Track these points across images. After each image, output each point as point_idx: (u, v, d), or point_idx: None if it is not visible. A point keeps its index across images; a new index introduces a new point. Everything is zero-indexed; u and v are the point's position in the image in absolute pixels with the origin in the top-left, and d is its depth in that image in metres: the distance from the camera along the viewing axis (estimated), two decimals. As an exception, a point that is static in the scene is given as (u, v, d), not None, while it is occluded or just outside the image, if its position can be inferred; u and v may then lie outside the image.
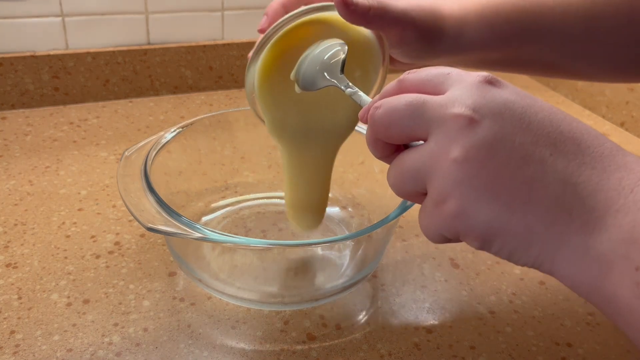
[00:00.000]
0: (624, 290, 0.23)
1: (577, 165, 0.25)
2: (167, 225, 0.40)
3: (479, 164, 0.25)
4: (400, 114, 0.28)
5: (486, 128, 0.25)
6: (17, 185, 0.60)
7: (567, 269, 0.25)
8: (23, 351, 0.41)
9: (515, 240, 0.26)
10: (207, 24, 0.84)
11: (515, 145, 0.25)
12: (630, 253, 0.23)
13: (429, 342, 0.44)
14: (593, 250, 0.24)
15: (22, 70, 0.75)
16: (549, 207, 0.25)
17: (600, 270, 0.24)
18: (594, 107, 0.89)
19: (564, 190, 0.25)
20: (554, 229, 0.25)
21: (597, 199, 0.24)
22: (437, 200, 0.27)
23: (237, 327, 0.45)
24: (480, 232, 0.26)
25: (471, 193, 0.25)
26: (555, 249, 0.25)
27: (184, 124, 0.54)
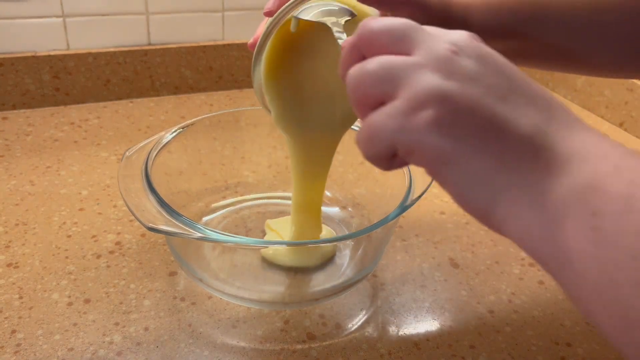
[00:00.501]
0: (578, 235, 0.22)
1: (548, 117, 0.26)
2: (167, 225, 0.40)
3: (462, 87, 0.25)
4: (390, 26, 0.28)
5: (469, 62, 0.26)
6: (18, 185, 0.60)
7: (520, 216, 0.25)
8: (24, 350, 0.41)
9: (471, 173, 0.25)
10: (207, 25, 0.84)
11: (496, 85, 0.26)
12: (589, 198, 0.23)
13: (429, 341, 0.44)
14: (551, 194, 0.24)
15: (23, 71, 0.75)
16: (518, 145, 0.25)
17: (556, 215, 0.23)
18: (593, 107, 0.89)
19: (535, 133, 0.25)
20: (518, 166, 0.25)
21: (565, 147, 0.25)
22: (412, 106, 0.25)
23: (238, 326, 0.45)
24: (442, 151, 0.25)
25: (450, 110, 0.25)
26: (513, 190, 0.25)
27: (185, 124, 0.54)
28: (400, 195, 0.45)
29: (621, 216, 0.21)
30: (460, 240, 0.56)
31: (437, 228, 0.58)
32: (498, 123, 0.25)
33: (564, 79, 0.94)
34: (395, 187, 0.50)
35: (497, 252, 0.55)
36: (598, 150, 0.24)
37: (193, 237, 0.39)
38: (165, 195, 0.43)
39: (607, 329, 0.22)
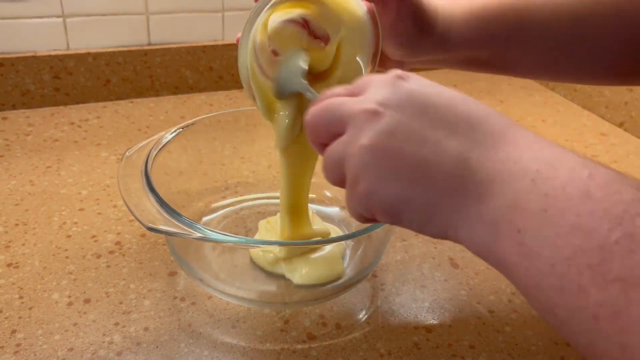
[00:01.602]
0: (510, 251, 0.26)
1: (470, 143, 0.28)
2: (167, 225, 0.40)
3: (383, 148, 0.29)
4: (322, 115, 0.32)
5: (389, 118, 0.29)
6: (18, 185, 0.60)
7: (466, 236, 0.28)
8: (24, 350, 0.41)
9: (419, 213, 0.29)
10: (207, 25, 0.84)
11: (413, 130, 0.28)
12: (513, 217, 0.25)
13: (429, 341, 0.44)
14: (484, 216, 0.27)
15: (23, 71, 0.75)
16: (445, 181, 0.28)
17: (491, 234, 0.26)
18: (593, 108, 0.89)
19: (457, 165, 0.28)
20: (450, 200, 0.28)
21: (486, 172, 0.27)
22: (351, 183, 0.30)
23: (238, 326, 0.45)
24: (387, 207, 0.29)
25: (377, 174, 0.29)
26: (454, 218, 0.28)
27: (185, 124, 0.54)
28: (400, 195, 0.45)
29: (539, 230, 0.24)
30: (460, 240, 0.56)
31: (437, 228, 0.58)
32: (421, 169, 0.28)
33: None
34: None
35: (497, 252, 0.55)
36: (517, 166, 0.26)
37: (193, 237, 0.39)
38: (165, 195, 0.43)
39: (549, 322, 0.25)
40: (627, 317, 0.21)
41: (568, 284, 0.23)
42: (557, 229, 0.24)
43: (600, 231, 0.23)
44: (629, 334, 0.21)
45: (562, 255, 0.23)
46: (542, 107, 0.90)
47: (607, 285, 0.22)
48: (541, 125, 0.83)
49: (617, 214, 0.23)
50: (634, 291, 0.21)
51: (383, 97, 0.30)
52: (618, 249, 0.22)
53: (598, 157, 0.75)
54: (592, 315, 0.22)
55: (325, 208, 0.58)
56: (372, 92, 0.31)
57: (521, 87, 0.97)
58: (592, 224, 0.23)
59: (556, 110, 0.89)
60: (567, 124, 0.85)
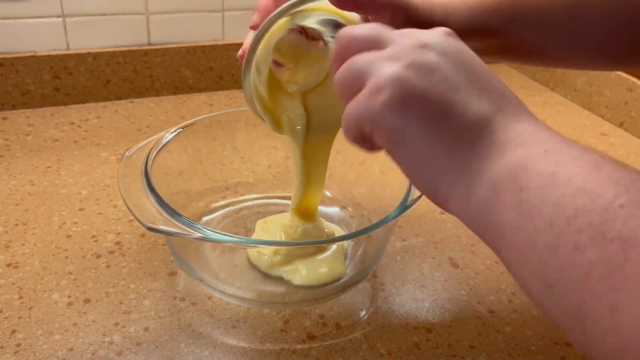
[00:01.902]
0: (508, 209, 0.26)
1: (497, 108, 0.29)
2: (167, 225, 0.40)
3: (418, 75, 0.28)
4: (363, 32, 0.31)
5: (433, 55, 0.29)
6: (18, 185, 0.60)
7: (460, 193, 0.28)
8: (24, 350, 0.41)
9: (421, 151, 0.28)
10: (207, 25, 0.84)
11: (451, 77, 0.29)
12: (518, 176, 0.26)
13: (429, 341, 0.44)
14: (487, 173, 0.27)
15: (23, 71, 0.75)
16: (462, 131, 0.28)
17: (490, 193, 0.27)
18: (593, 107, 0.89)
19: (479, 121, 0.28)
20: (459, 148, 0.28)
21: (503, 134, 0.28)
22: (372, 89, 0.29)
23: (238, 326, 0.45)
24: (394, 130, 0.29)
25: (403, 93, 0.28)
26: (454, 169, 0.28)
27: (185, 124, 0.54)
28: (400, 195, 0.45)
29: (544, 189, 0.24)
30: (460, 240, 0.56)
31: (437, 228, 0.58)
32: (445, 108, 0.28)
33: (564, 79, 0.94)
34: (395, 187, 0.50)
35: (497, 252, 0.55)
36: (534, 137, 0.27)
37: (193, 237, 0.39)
38: (165, 195, 0.43)
39: (533, 291, 0.25)
40: (622, 275, 0.21)
41: (564, 242, 0.23)
42: (562, 189, 0.24)
43: (606, 195, 0.23)
44: (621, 293, 0.21)
45: (564, 214, 0.23)
46: (542, 107, 0.90)
47: (605, 243, 0.22)
48: (541, 125, 0.83)
49: (625, 184, 0.23)
50: (633, 250, 0.21)
51: (429, 38, 0.30)
52: (622, 212, 0.22)
53: (598, 157, 0.75)
54: (584, 274, 0.22)
55: (325, 208, 0.58)
56: (420, 34, 0.31)
57: (521, 87, 0.97)
58: (599, 189, 0.23)
59: (556, 110, 0.89)
60: (567, 124, 0.85)
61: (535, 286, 0.25)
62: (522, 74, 1.02)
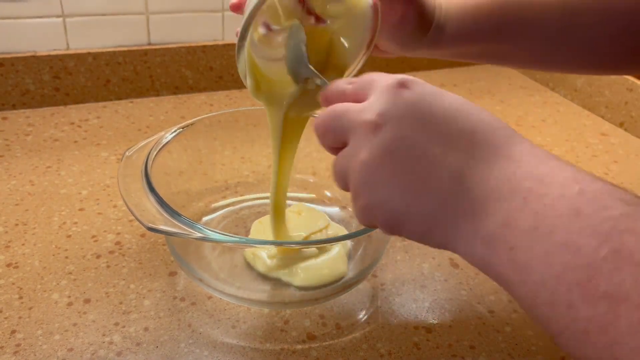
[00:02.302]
0: (504, 268, 0.27)
1: (467, 159, 0.28)
2: (167, 225, 0.40)
3: (380, 163, 0.29)
4: (328, 124, 0.33)
5: (387, 132, 0.29)
6: (18, 185, 0.60)
7: (464, 249, 0.29)
8: (24, 351, 0.41)
9: (418, 226, 0.30)
10: (207, 25, 0.84)
11: (411, 145, 0.29)
12: (506, 235, 0.26)
13: (429, 341, 0.44)
14: (480, 233, 0.27)
15: (23, 71, 0.75)
16: (441, 197, 0.28)
17: (487, 251, 0.27)
18: (593, 108, 0.89)
19: (454, 181, 0.28)
20: (447, 215, 0.29)
21: (480, 189, 0.28)
22: (353, 197, 0.32)
23: (238, 326, 0.45)
24: (386, 220, 0.30)
25: (374, 189, 0.30)
26: (452, 234, 0.29)
27: (185, 124, 0.54)
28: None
29: (530, 248, 0.25)
30: (460, 240, 0.56)
31: (437, 228, 0.58)
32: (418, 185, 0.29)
33: (564, 79, 0.94)
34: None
35: (497, 252, 0.55)
36: (510, 184, 0.27)
37: (193, 237, 0.39)
38: (165, 195, 0.43)
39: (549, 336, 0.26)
40: (616, 331, 0.22)
41: (558, 300, 0.24)
42: (546, 246, 0.24)
43: (588, 248, 0.23)
44: (619, 347, 0.22)
45: (552, 272, 0.24)
46: (542, 107, 0.90)
47: (595, 301, 0.22)
48: (541, 125, 0.83)
49: (605, 231, 0.23)
50: (621, 307, 0.22)
51: (383, 107, 0.30)
52: (605, 265, 0.22)
53: (598, 157, 0.75)
54: (582, 330, 0.23)
55: (325, 208, 0.58)
56: (374, 100, 0.31)
57: (521, 87, 0.97)
58: (580, 241, 0.23)
59: (556, 110, 0.89)
60: (567, 124, 0.85)
61: (547, 332, 0.26)
62: (522, 74, 1.02)
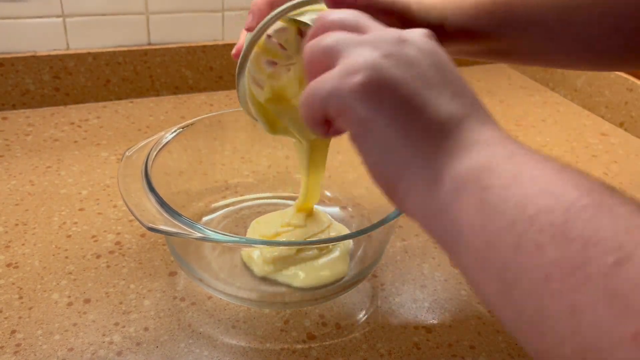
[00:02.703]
0: (469, 208, 0.25)
1: (467, 112, 0.29)
2: (167, 225, 0.40)
3: (396, 66, 0.28)
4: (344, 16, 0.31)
5: (412, 50, 0.29)
6: (18, 185, 0.60)
7: (420, 190, 0.27)
8: (24, 350, 0.41)
9: (388, 141, 0.28)
10: (207, 25, 0.84)
11: (427, 74, 0.29)
12: (482, 175, 0.25)
13: (429, 341, 0.44)
14: (451, 172, 0.27)
15: (23, 71, 0.75)
16: (430, 127, 0.28)
17: (452, 192, 0.26)
18: (593, 107, 0.89)
19: (448, 121, 0.28)
20: (425, 144, 0.28)
21: (471, 136, 0.28)
22: (347, 69, 0.28)
23: (238, 326, 0.45)
24: (364, 114, 0.28)
25: (378, 79, 0.28)
26: (417, 166, 0.28)
27: (185, 124, 0.54)
28: (400, 195, 0.45)
29: (507, 189, 0.24)
30: (460, 240, 0.56)
31: (437, 228, 0.58)
32: (417, 103, 0.28)
33: (564, 79, 0.94)
34: (395, 187, 0.49)
35: (497, 252, 0.55)
36: (501, 142, 0.27)
37: (193, 237, 0.39)
38: (165, 195, 0.43)
39: (490, 296, 0.25)
40: (582, 274, 0.20)
41: (525, 242, 0.22)
42: (526, 189, 0.24)
43: (569, 196, 0.22)
44: (581, 293, 0.20)
45: (526, 213, 0.23)
46: (542, 107, 0.90)
47: (567, 242, 0.21)
48: (541, 125, 0.83)
49: (588, 187, 0.23)
50: (594, 249, 0.20)
51: (411, 37, 0.30)
52: (584, 213, 0.22)
53: (598, 157, 0.75)
54: (544, 275, 0.21)
55: (325, 208, 0.58)
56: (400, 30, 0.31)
57: (521, 87, 0.97)
58: (562, 190, 0.23)
59: (556, 110, 0.89)
60: (567, 124, 0.85)
61: (492, 290, 0.24)
62: (522, 74, 1.02)
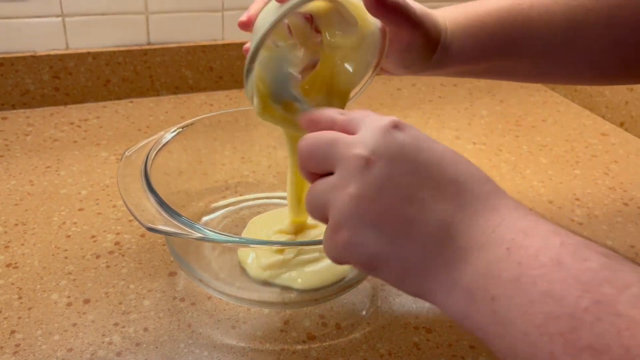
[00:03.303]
0: (485, 317, 0.26)
1: (454, 208, 0.28)
2: (167, 225, 0.40)
3: (369, 200, 0.29)
4: (315, 149, 0.32)
5: (379, 169, 0.29)
6: (17, 185, 0.60)
7: (442, 300, 0.28)
8: (23, 351, 0.41)
9: (396, 271, 0.29)
10: (207, 24, 0.84)
11: (402, 186, 0.29)
12: (487, 285, 0.26)
13: (429, 341, 0.44)
14: (459, 282, 0.27)
15: (23, 71, 0.75)
16: (425, 244, 0.28)
17: (467, 301, 0.27)
18: (594, 107, 0.89)
19: (439, 229, 0.28)
20: (427, 263, 0.28)
21: (465, 238, 0.28)
22: (333, 228, 0.30)
23: (237, 326, 0.45)
24: (365, 261, 0.30)
25: (360, 226, 0.29)
26: (430, 282, 0.29)
27: (185, 124, 0.54)
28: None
29: (512, 298, 0.25)
30: (460, 241, 0.56)
31: (437, 228, 0.58)
32: (404, 227, 0.28)
33: (564, 78, 0.94)
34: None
35: (497, 252, 0.55)
36: (495, 235, 0.27)
37: (193, 237, 0.39)
38: (165, 195, 0.43)
39: None
40: None
41: (540, 352, 0.23)
42: (529, 296, 0.24)
43: (570, 299, 0.23)
44: None
45: (534, 323, 0.24)
46: (542, 107, 0.90)
47: (577, 353, 0.22)
48: (541, 125, 0.83)
49: (586, 281, 0.23)
50: (604, 358, 0.22)
51: (376, 144, 0.30)
52: (587, 316, 0.23)
53: (598, 157, 0.75)
54: None
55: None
56: (366, 135, 0.31)
57: (521, 87, 0.97)
58: (563, 291, 0.24)
59: (556, 110, 0.89)
60: (567, 124, 0.84)
61: None
62: (522, 74, 1.02)
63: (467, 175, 0.30)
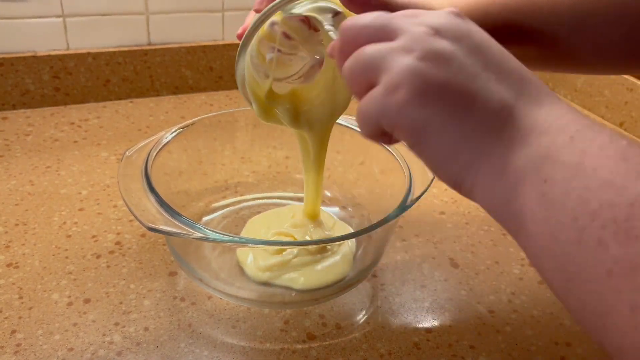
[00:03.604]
0: (531, 201, 0.25)
1: (517, 93, 0.28)
2: (167, 225, 0.40)
3: (435, 66, 0.28)
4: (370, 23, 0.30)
5: (446, 43, 0.28)
6: (18, 185, 0.60)
7: (485, 184, 0.27)
8: (24, 350, 0.41)
9: (446, 144, 0.28)
10: (207, 25, 0.84)
11: (468, 64, 0.28)
12: (542, 167, 0.25)
13: (429, 341, 0.44)
14: (511, 164, 0.26)
15: (23, 71, 0.75)
16: (485, 120, 0.27)
17: (514, 183, 0.26)
18: (593, 107, 0.89)
19: (502, 108, 0.27)
20: (484, 139, 0.27)
21: (528, 121, 0.27)
22: (389, 88, 0.28)
23: (238, 326, 0.45)
24: (416, 126, 0.28)
25: (422, 87, 0.27)
26: (479, 161, 0.27)
27: (185, 124, 0.54)
28: (400, 195, 0.45)
29: (568, 182, 0.24)
30: (460, 240, 0.56)
31: (437, 228, 0.58)
32: (466, 99, 0.27)
33: (564, 79, 0.94)
34: (395, 187, 0.50)
35: (497, 252, 0.55)
36: (559, 122, 0.26)
37: (193, 237, 0.39)
38: (165, 195, 0.43)
39: (553, 283, 0.25)
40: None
41: (587, 237, 0.23)
42: (587, 182, 0.23)
43: (633, 190, 0.22)
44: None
45: (588, 209, 0.23)
46: (542, 107, 0.90)
47: (629, 241, 0.21)
48: (541, 125, 0.83)
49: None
50: None
51: (442, 24, 0.29)
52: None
53: (598, 157, 0.75)
54: (606, 271, 0.22)
55: (325, 208, 0.58)
56: (429, 17, 0.30)
57: (521, 87, 0.97)
58: (625, 182, 0.23)
59: (556, 110, 0.89)
60: (567, 124, 0.84)
61: (556, 279, 0.25)
62: (522, 74, 1.02)
63: (528, 71, 0.29)
